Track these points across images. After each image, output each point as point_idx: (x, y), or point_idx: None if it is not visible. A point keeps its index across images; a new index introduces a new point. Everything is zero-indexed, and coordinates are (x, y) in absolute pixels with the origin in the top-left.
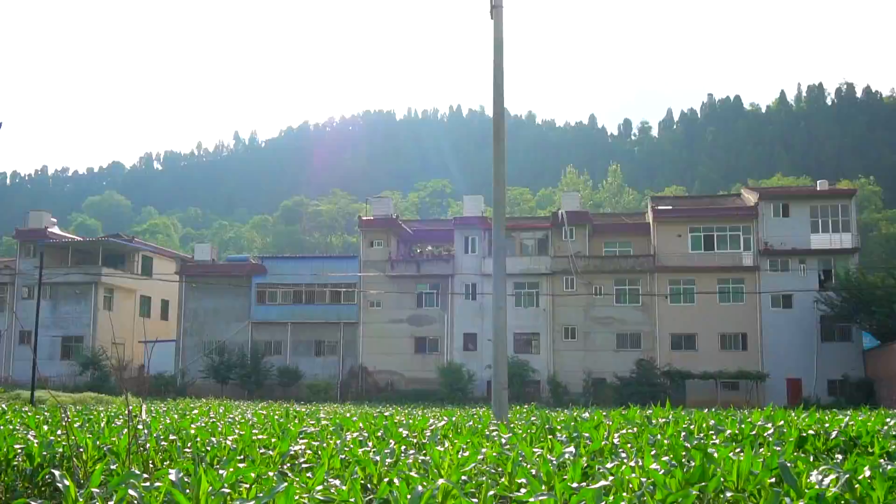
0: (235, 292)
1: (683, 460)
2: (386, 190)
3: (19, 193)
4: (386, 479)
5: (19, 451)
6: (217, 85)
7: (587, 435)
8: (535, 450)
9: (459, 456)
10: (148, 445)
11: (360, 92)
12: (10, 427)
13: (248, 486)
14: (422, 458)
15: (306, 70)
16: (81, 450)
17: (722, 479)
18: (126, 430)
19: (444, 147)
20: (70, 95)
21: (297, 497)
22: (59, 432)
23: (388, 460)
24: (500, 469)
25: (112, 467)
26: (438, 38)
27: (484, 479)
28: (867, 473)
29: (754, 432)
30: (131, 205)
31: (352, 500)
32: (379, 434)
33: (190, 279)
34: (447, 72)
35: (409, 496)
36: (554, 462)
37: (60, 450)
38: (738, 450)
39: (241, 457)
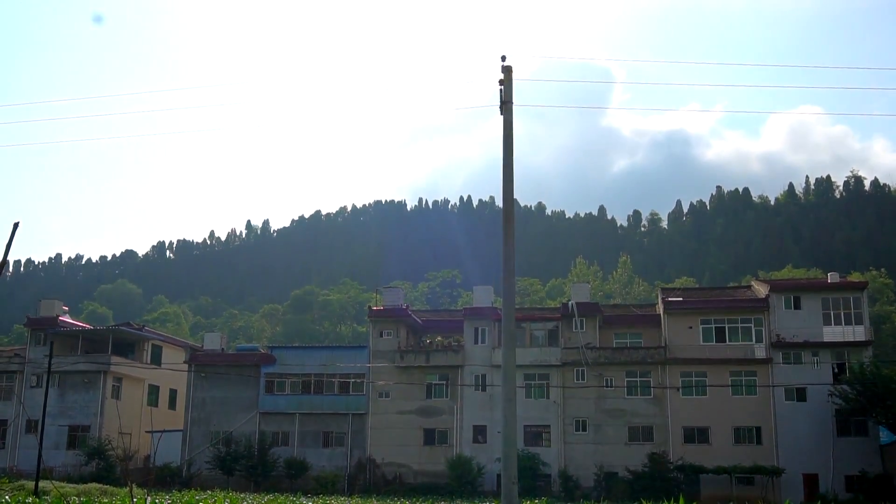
0: (244, 382)
1: None
2: (396, 280)
3: (33, 281)
4: None
5: None
6: (230, 174)
7: None
8: None
9: None
10: None
11: (371, 182)
12: None
13: None
14: None
15: (319, 160)
16: None
17: None
18: None
19: (455, 237)
20: (84, 185)
21: None
22: None
23: None
24: None
25: None
26: (449, 129)
27: None
28: None
29: None
30: (143, 293)
31: None
32: None
33: (199, 368)
34: (458, 163)
35: None
36: None
37: None
38: None
39: None
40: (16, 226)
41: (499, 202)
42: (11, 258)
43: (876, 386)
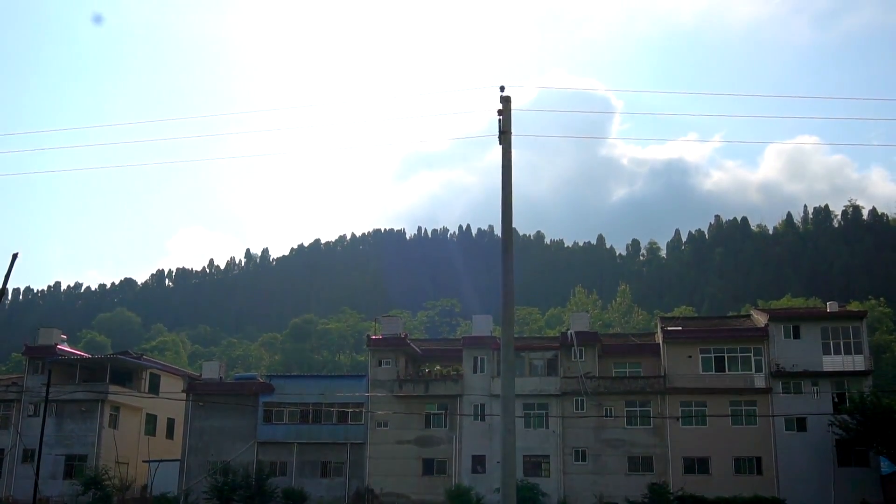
0: (242, 411)
1: None
2: (395, 308)
3: (31, 309)
4: None
5: None
6: (229, 203)
7: None
8: None
9: None
10: None
11: (370, 211)
12: None
13: None
14: None
15: (318, 189)
16: None
17: None
18: None
19: (454, 266)
20: (84, 213)
21: None
22: None
23: None
24: None
25: None
26: (449, 158)
27: None
28: None
29: None
30: (141, 321)
31: None
32: None
33: (197, 398)
34: (457, 192)
35: None
36: None
37: None
38: None
39: None
40: (15, 256)
41: (498, 231)
42: (10, 286)
43: (876, 416)
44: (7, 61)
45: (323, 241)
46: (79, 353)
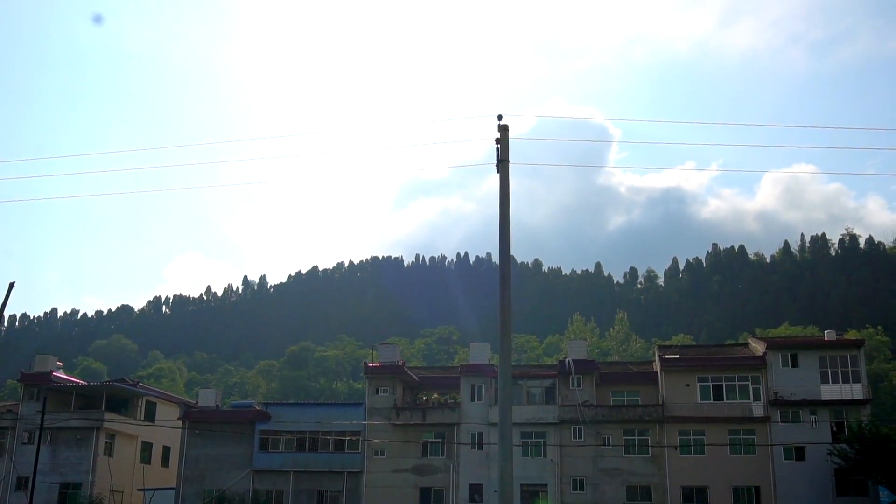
0: (238, 439)
1: None
2: (392, 336)
3: (27, 336)
4: None
5: None
6: (227, 230)
7: None
8: None
9: None
10: None
11: (368, 238)
12: None
13: None
14: None
15: (316, 216)
16: None
17: None
18: None
19: (451, 294)
20: (81, 240)
21: None
22: None
23: None
24: None
25: None
26: (446, 186)
27: None
28: None
29: None
30: (138, 348)
31: None
32: None
33: (193, 425)
34: (455, 219)
35: None
36: None
37: None
38: None
39: None
40: (11, 285)
41: (495, 259)
42: (7, 312)
43: (875, 445)
44: (4, 89)
45: (321, 269)
46: (75, 380)
